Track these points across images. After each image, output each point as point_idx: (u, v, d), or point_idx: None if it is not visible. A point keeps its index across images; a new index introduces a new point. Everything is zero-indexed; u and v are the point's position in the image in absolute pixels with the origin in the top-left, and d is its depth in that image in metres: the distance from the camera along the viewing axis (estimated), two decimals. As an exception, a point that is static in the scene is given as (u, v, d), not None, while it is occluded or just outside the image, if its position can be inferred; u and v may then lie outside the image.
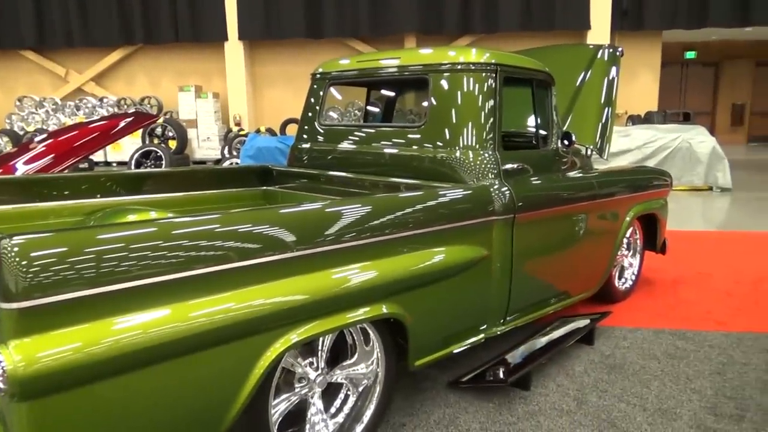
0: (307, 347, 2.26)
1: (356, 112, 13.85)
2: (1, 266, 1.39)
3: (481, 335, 2.90)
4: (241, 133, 13.13)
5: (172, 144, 13.11)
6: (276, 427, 2.13)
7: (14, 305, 1.39)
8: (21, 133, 13.46)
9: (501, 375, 2.96)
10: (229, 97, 15.48)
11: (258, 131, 12.96)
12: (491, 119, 3.04)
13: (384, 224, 2.28)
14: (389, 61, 3.39)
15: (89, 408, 1.53)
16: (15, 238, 1.41)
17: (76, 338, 1.47)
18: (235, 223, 1.84)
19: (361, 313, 2.21)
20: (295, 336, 2.00)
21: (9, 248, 1.39)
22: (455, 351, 2.75)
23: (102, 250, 1.53)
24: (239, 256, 1.81)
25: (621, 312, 4.11)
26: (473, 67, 3.06)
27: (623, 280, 4.40)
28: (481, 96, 3.04)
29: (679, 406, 2.85)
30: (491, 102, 3.04)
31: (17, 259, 1.39)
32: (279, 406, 2.16)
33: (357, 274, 2.18)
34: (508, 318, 3.06)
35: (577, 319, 3.78)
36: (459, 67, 3.08)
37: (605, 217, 3.78)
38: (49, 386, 1.43)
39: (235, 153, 12.32)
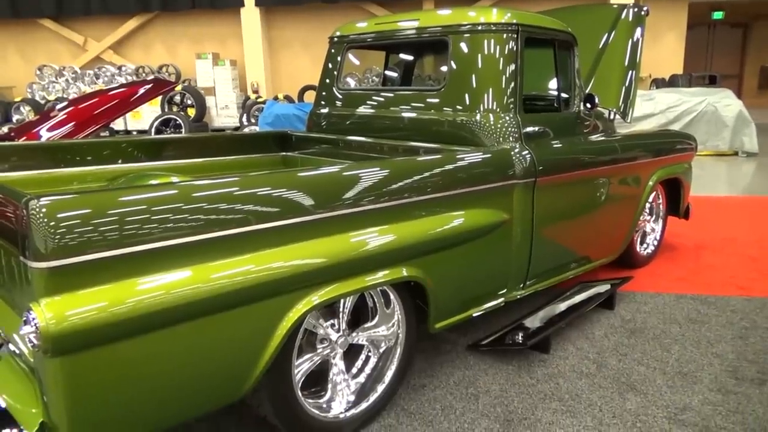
0: (329, 309, 2.29)
1: (374, 78, 13.70)
2: (31, 227, 1.41)
3: (501, 299, 2.91)
4: (259, 100, 13.09)
5: (191, 112, 13.13)
6: (299, 386, 2.17)
7: (44, 264, 1.42)
8: (42, 102, 13.56)
9: (520, 338, 2.98)
10: (246, 64, 15.39)
11: (276, 98, 12.92)
12: (512, 81, 2.99)
13: (403, 188, 2.27)
14: (408, 23, 3.33)
15: (118, 364, 1.57)
16: (43, 199, 1.43)
17: (103, 297, 1.50)
18: (257, 186, 1.85)
19: (381, 276, 2.23)
20: (316, 298, 2.02)
21: (38, 209, 1.42)
22: (475, 315, 2.76)
23: (126, 212, 1.55)
24: (260, 219, 1.83)
25: (642, 277, 4.08)
26: (494, 28, 3.00)
27: (645, 245, 4.36)
28: (502, 57, 2.99)
29: (700, 369, 2.84)
30: (512, 64, 2.99)
31: (46, 220, 1.42)
32: (302, 366, 2.20)
33: (377, 238, 2.18)
34: (528, 282, 3.06)
35: (597, 284, 3.77)
36: (479, 27, 3.02)
37: (627, 182, 3.73)
38: (79, 343, 1.47)
39: (253, 120, 12.33)
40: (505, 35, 2.99)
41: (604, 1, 12.46)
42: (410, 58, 4.16)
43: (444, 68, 3.20)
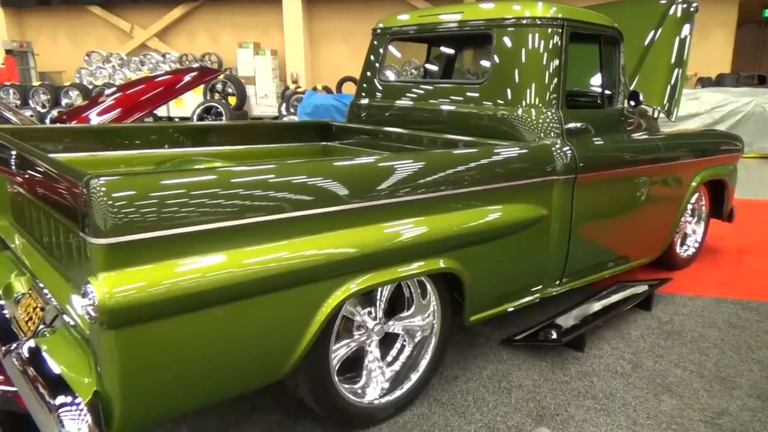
0: (366, 297, 2.33)
1: (412, 71, 13.67)
2: (92, 205, 1.48)
3: (537, 295, 2.91)
4: (299, 90, 13.21)
5: (232, 100, 13.33)
6: (335, 370, 2.22)
7: (102, 241, 1.49)
8: (90, 87, 13.95)
9: (555, 335, 2.98)
10: (287, 54, 15.53)
11: (315, 89, 13.02)
12: (556, 77, 2.97)
13: (442, 180, 2.29)
14: (452, 16, 3.33)
15: (168, 340, 1.64)
16: (103, 178, 1.50)
17: (156, 275, 1.56)
18: (303, 174, 1.89)
19: (419, 266, 2.25)
20: (354, 285, 2.06)
21: (98, 188, 1.49)
22: (510, 309, 2.77)
23: (180, 194, 1.61)
24: (302, 206, 1.87)
25: (681, 279, 4.02)
26: (539, 22, 2.98)
27: (685, 247, 4.29)
28: (546, 52, 2.97)
29: (739, 375, 2.80)
30: (556, 59, 2.97)
31: (105, 198, 1.49)
32: (339, 351, 2.25)
33: (415, 228, 2.21)
34: (564, 279, 3.04)
35: (635, 284, 3.73)
36: (524, 21, 3.01)
37: (670, 182, 3.66)
38: (132, 317, 1.54)
39: (292, 110, 12.45)
40: (550, 30, 2.97)
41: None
42: (452, 51, 4.16)
43: (485, 62, 3.19)
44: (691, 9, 4.29)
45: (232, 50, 15.57)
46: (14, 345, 2.02)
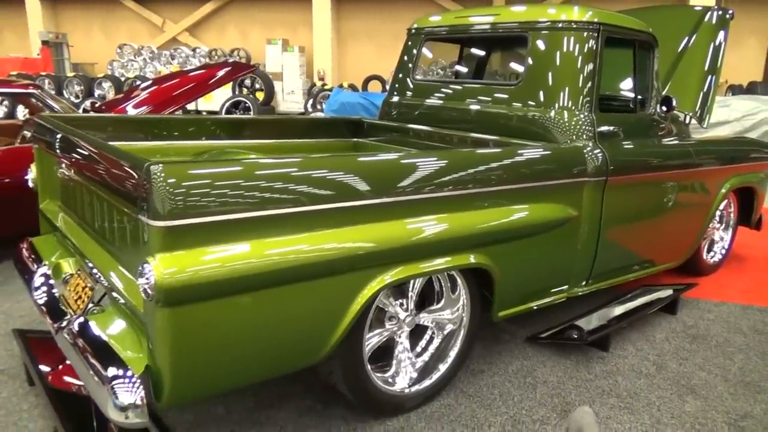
0: (398, 289, 2.41)
1: (439, 71, 13.71)
2: (152, 189, 1.58)
3: (564, 294, 2.95)
4: (326, 87, 13.32)
5: (260, 96, 13.49)
6: (368, 358, 2.30)
7: (161, 223, 1.59)
8: (123, 79, 14.20)
9: (580, 334, 3.02)
10: (314, 51, 15.68)
11: (341, 86, 13.12)
12: (590, 80, 3.01)
13: (476, 178, 2.35)
14: (487, 18, 3.39)
15: (217, 320, 1.73)
16: (162, 165, 1.60)
17: (208, 257, 1.65)
18: (347, 168, 1.97)
19: (451, 260, 2.32)
20: (389, 277, 2.14)
21: (158, 173, 1.58)
22: (537, 307, 2.82)
23: (234, 182, 1.70)
24: (349, 197, 1.95)
25: (707, 285, 4.02)
26: (575, 26, 3.02)
27: (712, 253, 4.29)
28: (581, 56, 3.01)
29: (764, 380, 2.82)
30: (591, 62, 3.01)
31: (165, 184, 1.58)
32: (371, 340, 2.33)
33: (449, 224, 2.27)
34: (590, 280, 3.08)
35: (659, 288, 3.75)
36: (560, 25, 3.05)
37: (699, 188, 3.68)
38: (186, 296, 1.63)
39: (318, 107, 12.57)
40: (585, 34, 3.01)
41: (682, 2, 12.04)
42: (484, 52, 4.21)
43: (518, 64, 3.24)
44: (727, 16, 4.30)
45: (261, 46, 15.76)
46: (65, 322, 2.13)
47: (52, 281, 2.45)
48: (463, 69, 4.36)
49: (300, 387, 2.60)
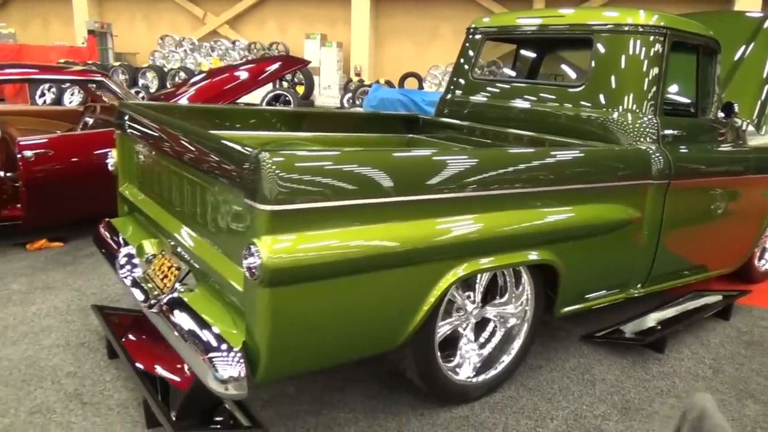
0: (465, 283, 2.48)
1: (493, 69, 13.69)
2: (261, 175, 1.67)
3: (622, 294, 2.99)
4: (365, 83, 13.41)
5: (300, 89, 13.62)
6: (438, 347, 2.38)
7: (268, 207, 1.68)
8: (165, 70, 14.46)
9: (637, 334, 3.05)
10: (352, 47, 15.77)
11: (377, 83, 13.20)
12: (655, 84, 3.03)
13: (545, 176, 2.41)
14: (551, 19, 3.43)
15: (313, 301, 1.82)
16: (271, 153, 1.69)
17: (309, 241, 1.75)
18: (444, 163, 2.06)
19: (520, 256, 2.39)
20: (461, 270, 2.22)
21: (267, 161, 1.68)
22: (596, 305, 2.87)
23: (334, 170, 1.80)
24: (431, 190, 2.03)
25: (760, 292, 4.01)
26: (641, 30, 3.05)
27: (763, 261, 4.27)
28: (647, 59, 3.03)
29: (823, 388, 2.82)
30: (657, 66, 3.03)
31: (273, 170, 1.67)
32: (441, 329, 2.40)
33: (518, 220, 2.33)
34: (648, 282, 3.12)
35: (711, 293, 3.76)
36: (626, 28, 3.08)
37: (755, 194, 3.67)
38: (287, 277, 1.72)
39: (357, 102, 12.66)
40: (652, 37, 3.04)
41: (728, 8, 11.84)
42: (543, 53, 4.24)
43: (576, 66, 3.27)
44: (788, 23, 4.26)
45: (299, 41, 15.90)
46: (155, 299, 2.24)
47: (136, 260, 2.58)
48: (519, 69, 4.40)
49: (367, 374, 2.69)
